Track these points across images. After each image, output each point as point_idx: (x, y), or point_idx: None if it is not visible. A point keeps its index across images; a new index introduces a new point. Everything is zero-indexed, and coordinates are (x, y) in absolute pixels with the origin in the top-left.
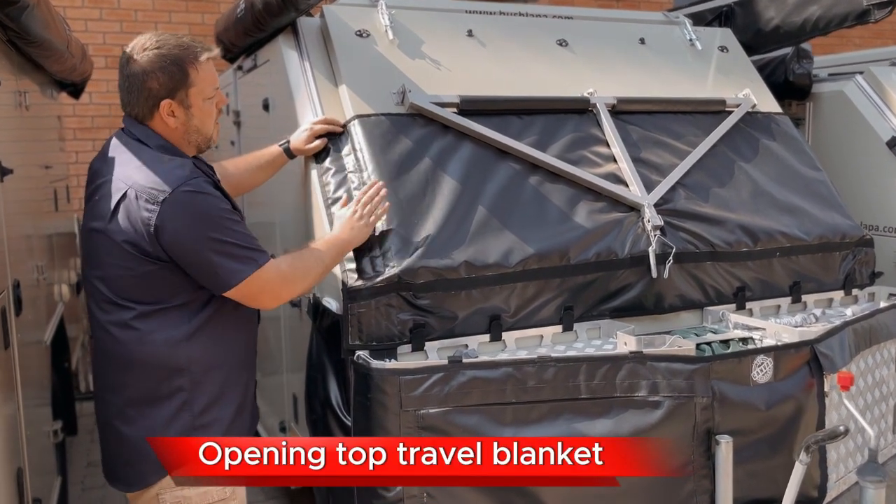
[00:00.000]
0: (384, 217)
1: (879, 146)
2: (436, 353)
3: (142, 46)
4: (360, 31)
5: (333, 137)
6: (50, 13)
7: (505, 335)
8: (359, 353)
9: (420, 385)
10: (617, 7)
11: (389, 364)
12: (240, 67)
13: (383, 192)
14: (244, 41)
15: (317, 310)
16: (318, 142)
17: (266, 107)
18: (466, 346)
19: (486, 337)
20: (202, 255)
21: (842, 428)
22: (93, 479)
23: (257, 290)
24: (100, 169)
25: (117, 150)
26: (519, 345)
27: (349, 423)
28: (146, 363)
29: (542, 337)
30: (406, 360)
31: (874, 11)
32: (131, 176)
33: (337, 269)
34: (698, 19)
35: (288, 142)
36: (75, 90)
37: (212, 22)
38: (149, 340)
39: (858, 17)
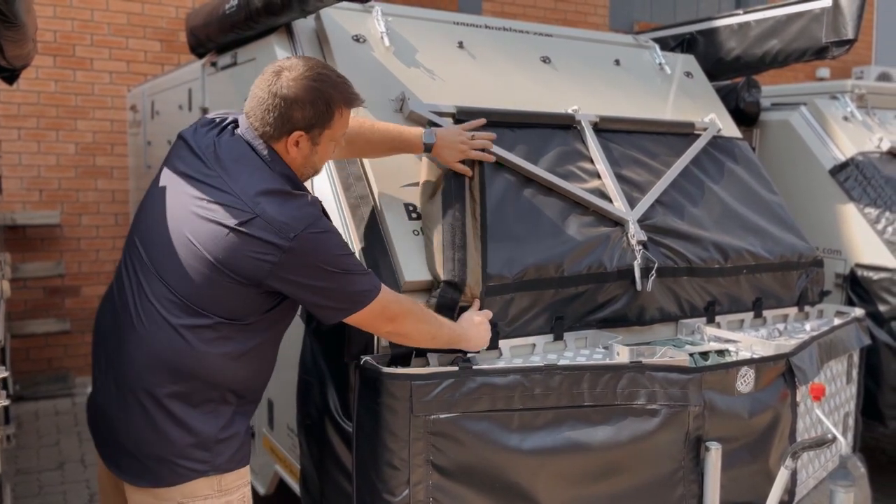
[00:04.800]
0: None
1: (821, 173)
2: (435, 359)
3: (301, 73)
4: (356, 35)
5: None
6: None
7: (500, 343)
8: (364, 358)
9: (431, 391)
10: (557, 24)
11: (400, 369)
12: (213, 64)
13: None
14: (225, 38)
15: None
16: (464, 167)
17: None
18: (464, 353)
19: None
20: (329, 289)
21: (829, 436)
22: (25, 486)
23: (377, 314)
24: (209, 161)
25: (235, 160)
26: (513, 353)
27: (348, 429)
28: (193, 370)
29: (534, 346)
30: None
31: (832, 49)
32: (260, 202)
33: None
34: (661, 45)
35: (434, 138)
36: (12, 76)
37: (153, 13)
38: (205, 350)
39: (817, 53)
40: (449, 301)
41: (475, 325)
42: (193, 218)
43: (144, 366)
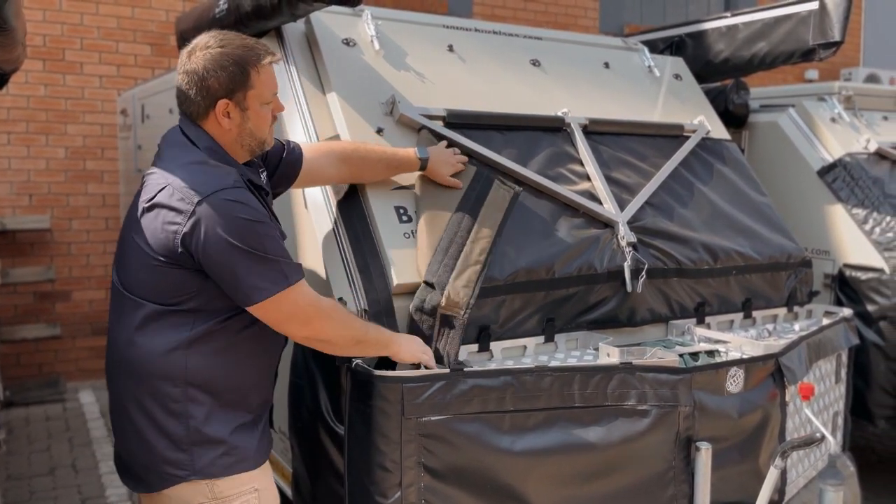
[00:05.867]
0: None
1: (810, 174)
2: None
3: (204, 44)
4: (346, 39)
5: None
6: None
7: (491, 345)
8: (356, 360)
9: (422, 393)
10: (548, 27)
11: (392, 371)
12: None
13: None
14: None
15: None
16: (455, 180)
17: None
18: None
19: (475, 347)
20: (228, 265)
21: (818, 434)
22: (16, 492)
23: (286, 314)
24: (154, 161)
25: (169, 145)
26: (504, 355)
27: (340, 431)
28: (143, 365)
29: (525, 347)
30: (401, 368)
31: (819, 51)
32: (173, 173)
33: (331, 280)
34: (650, 47)
35: (427, 153)
36: (1, 80)
37: (142, 16)
38: (146, 342)
39: (804, 55)
40: (423, 301)
41: (410, 340)
42: (135, 210)
43: (118, 371)
